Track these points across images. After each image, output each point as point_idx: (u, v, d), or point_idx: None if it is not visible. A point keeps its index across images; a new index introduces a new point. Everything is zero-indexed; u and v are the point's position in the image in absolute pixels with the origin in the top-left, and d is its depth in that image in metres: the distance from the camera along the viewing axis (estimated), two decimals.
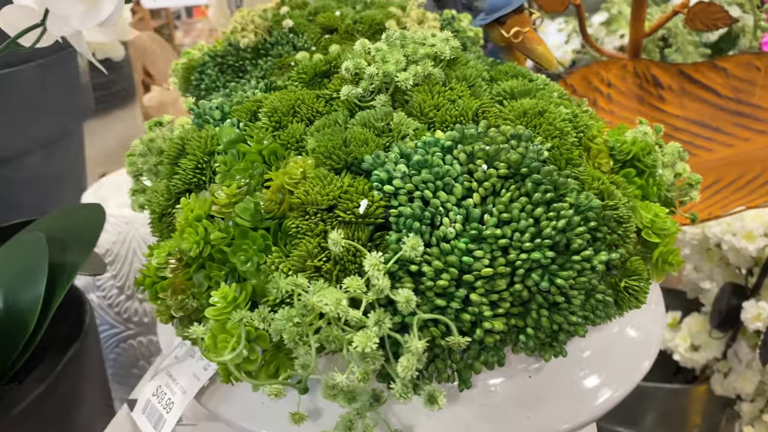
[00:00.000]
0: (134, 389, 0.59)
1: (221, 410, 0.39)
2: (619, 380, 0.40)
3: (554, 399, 0.38)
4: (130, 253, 0.81)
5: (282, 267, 0.35)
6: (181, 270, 0.38)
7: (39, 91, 0.93)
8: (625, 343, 0.41)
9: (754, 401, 1.08)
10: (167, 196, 0.42)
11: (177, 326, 0.39)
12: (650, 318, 0.44)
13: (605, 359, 0.40)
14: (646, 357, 0.42)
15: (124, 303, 0.82)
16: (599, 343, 0.40)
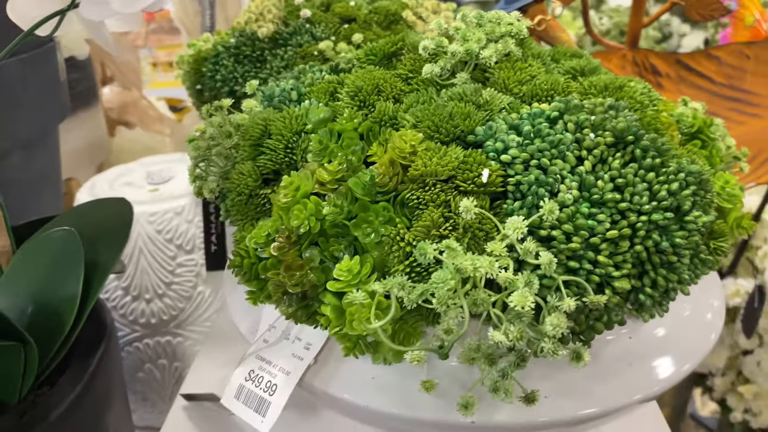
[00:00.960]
0: (184, 384, 0.57)
1: (330, 388, 0.39)
2: (694, 350, 0.42)
3: (647, 360, 0.40)
4: (136, 251, 0.78)
5: (407, 237, 0.35)
6: (289, 248, 0.38)
7: (21, 88, 0.88)
8: (696, 316, 0.43)
9: (725, 375, 1.14)
10: (255, 177, 0.42)
11: (285, 304, 0.38)
12: (711, 292, 0.46)
13: (680, 331, 0.41)
14: (713, 330, 0.44)
15: (129, 304, 0.79)
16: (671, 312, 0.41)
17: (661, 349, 0.40)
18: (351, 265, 0.35)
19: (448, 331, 0.33)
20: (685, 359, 0.41)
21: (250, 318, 0.45)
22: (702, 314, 0.43)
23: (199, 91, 0.76)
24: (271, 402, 0.39)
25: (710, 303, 0.44)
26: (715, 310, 0.44)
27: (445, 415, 0.37)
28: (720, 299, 0.45)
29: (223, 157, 0.45)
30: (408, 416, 0.37)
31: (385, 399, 0.38)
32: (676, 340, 0.41)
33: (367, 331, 0.33)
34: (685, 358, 0.41)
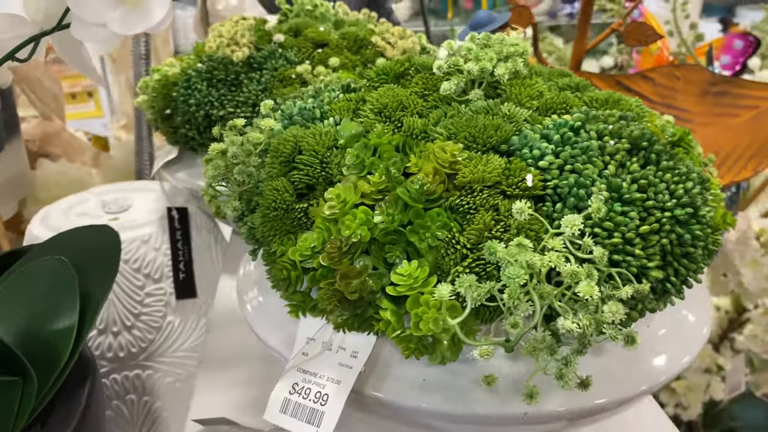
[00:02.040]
0: (191, 410, 0.56)
1: (382, 393, 0.40)
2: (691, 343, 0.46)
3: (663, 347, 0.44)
4: None
5: (462, 240, 0.37)
6: (340, 257, 0.39)
7: None
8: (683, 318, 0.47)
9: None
10: (291, 192, 0.43)
11: (337, 313, 0.39)
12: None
13: (677, 328, 0.46)
14: (705, 325, 0.48)
15: (96, 338, 0.76)
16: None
17: (667, 341, 0.44)
18: (411, 270, 0.37)
19: (515, 325, 0.35)
20: (686, 352, 0.45)
21: (282, 333, 0.45)
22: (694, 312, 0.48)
23: (168, 116, 0.75)
24: (325, 411, 0.40)
25: (699, 299, 0.49)
26: (704, 309, 0.49)
27: (498, 408, 0.39)
28: (707, 297, 0.50)
29: (245, 175, 0.46)
30: (462, 413, 0.39)
31: (438, 398, 0.39)
32: (677, 333, 0.46)
33: (440, 330, 0.35)
34: (687, 351, 0.45)
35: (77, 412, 0.57)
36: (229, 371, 0.60)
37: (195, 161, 0.75)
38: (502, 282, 0.34)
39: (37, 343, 0.53)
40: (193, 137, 0.72)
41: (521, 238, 0.34)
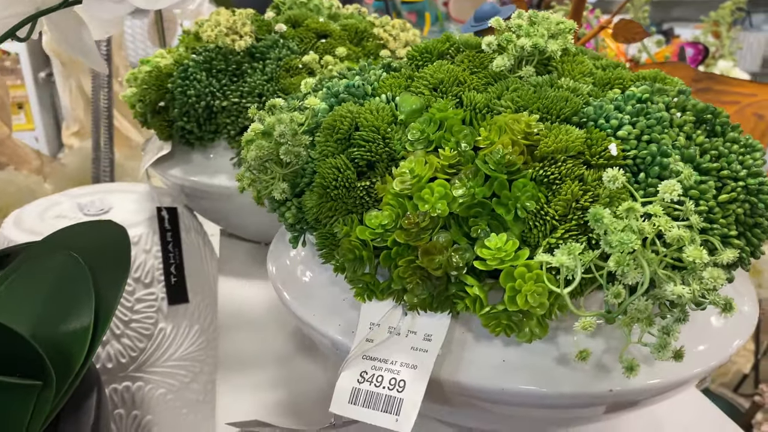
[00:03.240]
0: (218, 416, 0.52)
1: (460, 377, 0.38)
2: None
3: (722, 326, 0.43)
4: None
5: (551, 211, 0.36)
6: (418, 233, 0.37)
7: None
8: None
9: None
10: (352, 170, 0.40)
11: (416, 292, 0.37)
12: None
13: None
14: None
15: None
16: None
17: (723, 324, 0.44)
18: (500, 243, 0.35)
19: (618, 294, 0.34)
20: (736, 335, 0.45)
21: (339, 320, 0.42)
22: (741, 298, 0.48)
23: (161, 109, 0.71)
24: (403, 398, 0.38)
25: (748, 289, 0.49)
26: (752, 297, 0.49)
27: (584, 386, 0.37)
28: (751, 287, 0.50)
29: (293, 155, 0.43)
30: (547, 393, 0.37)
31: (522, 379, 0.37)
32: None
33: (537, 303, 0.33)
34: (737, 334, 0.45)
35: (86, 426, 0.52)
36: (250, 374, 0.56)
37: (190, 157, 0.71)
38: (614, 249, 0.33)
39: (50, 345, 0.48)
40: (191, 130, 0.68)
41: (630, 203, 0.33)
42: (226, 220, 0.78)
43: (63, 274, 0.49)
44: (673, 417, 0.51)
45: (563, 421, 0.44)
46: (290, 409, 0.52)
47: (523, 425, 0.45)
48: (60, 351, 0.48)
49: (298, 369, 0.57)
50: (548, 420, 0.43)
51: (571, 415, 0.41)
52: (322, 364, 0.58)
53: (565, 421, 0.43)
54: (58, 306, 0.49)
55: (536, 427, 0.46)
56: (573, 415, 0.41)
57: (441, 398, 0.40)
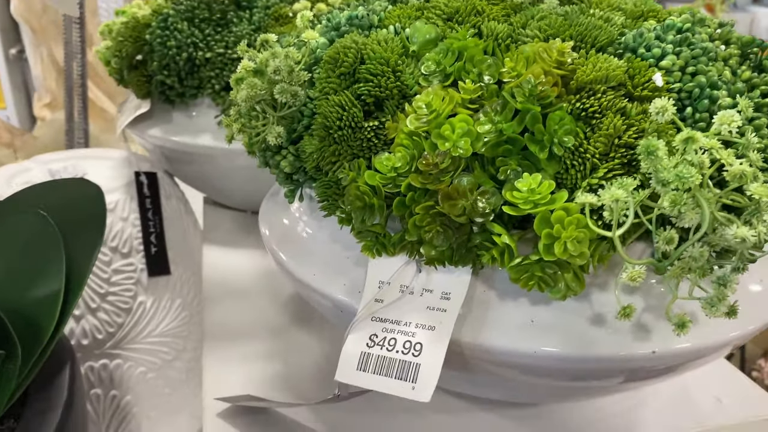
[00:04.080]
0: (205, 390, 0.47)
1: (484, 339, 0.34)
2: None
3: None
4: None
5: (590, 149, 0.31)
6: (437, 176, 0.32)
7: None
8: None
9: None
10: (359, 108, 0.35)
11: (435, 243, 0.32)
12: None
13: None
14: None
15: None
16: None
17: None
18: (533, 184, 0.31)
19: (671, 240, 0.30)
20: None
21: (344, 279, 0.38)
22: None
23: (139, 63, 0.65)
24: (420, 363, 0.33)
25: None
26: None
27: (624, 348, 0.33)
28: None
29: (289, 95, 0.38)
30: (583, 355, 0.33)
31: (555, 341, 0.33)
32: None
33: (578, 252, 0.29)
34: None
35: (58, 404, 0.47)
36: (240, 346, 0.52)
37: (171, 115, 0.66)
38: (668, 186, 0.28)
39: (14, 312, 0.42)
40: (171, 86, 0.63)
41: (690, 131, 0.28)
42: (211, 186, 0.72)
43: (30, 235, 0.44)
44: (702, 386, 0.48)
45: (593, 390, 0.39)
46: (284, 383, 0.47)
47: (548, 394, 0.41)
48: (26, 319, 0.43)
49: (293, 341, 0.53)
50: (576, 389, 0.39)
51: (606, 383, 0.36)
52: (318, 335, 0.54)
53: (596, 390, 0.39)
54: (24, 270, 0.43)
55: (560, 396, 0.42)
56: (607, 382, 0.36)
57: (460, 364, 0.36)
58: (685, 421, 0.45)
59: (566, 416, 0.45)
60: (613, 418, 0.45)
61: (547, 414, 0.45)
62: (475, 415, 0.45)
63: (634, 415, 0.45)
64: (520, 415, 0.45)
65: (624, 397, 0.46)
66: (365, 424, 0.44)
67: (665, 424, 0.44)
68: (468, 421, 0.44)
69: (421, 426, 0.44)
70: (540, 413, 0.45)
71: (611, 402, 0.46)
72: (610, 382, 0.36)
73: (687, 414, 0.45)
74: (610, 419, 0.45)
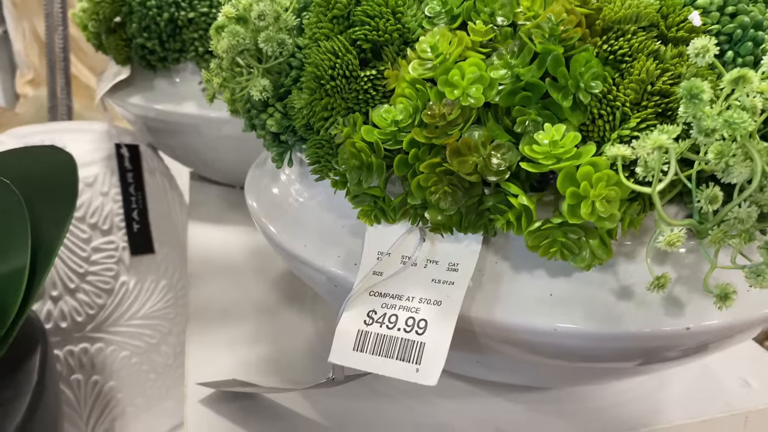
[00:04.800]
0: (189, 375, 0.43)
1: (498, 315, 0.30)
2: None
3: None
4: None
5: (620, 96, 0.27)
6: (444, 129, 0.28)
7: None
8: None
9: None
10: (354, 55, 0.31)
11: (442, 206, 0.28)
12: None
13: None
14: None
15: None
16: None
17: None
18: (556, 135, 0.26)
19: (714, 199, 0.26)
20: None
21: (339, 250, 0.34)
22: None
23: (118, 26, 0.60)
24: (425, 342, 0.29)
25: None
26: None
27: (655, 324, 0.29)
28: None
29: (275, 43, 0.34)
30: (609, 333, 0.29)
31: (576, 316, 0.29)
32: None
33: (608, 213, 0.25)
34: None
35: (28, 389, 0.43)
36: (226, 328, 0.48)
37: (153, 83, 0.62)
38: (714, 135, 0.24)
39: None
40: (152, 49, 0.58)
41: (744, 70, 0.24)
42: (197, 159, 0.68)
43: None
44: (728, 368, 0.44)
45: (615, 372, 0.36)
46: (274, 367, 0.44)
47: (564, 377, 0.37)
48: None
49: (283, 321, 0.49)
50: (597, 370, 0.35)
51: (632, 363, 0.33)
52: (311, 315, 0.50)
53: (619, 371, 0.35)
54: None
55: (577, 379, 0.39)
56: (633, 363, 0.33)
57: (469, 343, 0.32)
58: (712, 405, 0.41)
59: (582, 401, 0.41)
60: (635, 403, 0.41)
61: (561, 398, 0.42)
62: (482, 399, 0.41)
63: (656, 398, 0.41)
64: (531, 400, 0.41)
65: (646, 380, 0.43)
66: (362, 410, 0.40)
67: (690, 408, 0.41)
68: (474, 407, 0.41)
69: (424, 412, 0.41)
70: (552, 397, 0.42)
71: (632, 385, 0.42)
72: (636, 362, 0.32)
73: (714, 398, 0.42)
74: (630, 403, 0.41)
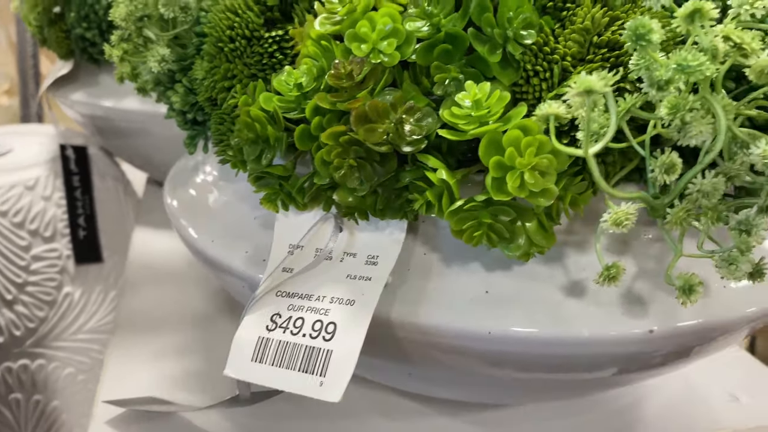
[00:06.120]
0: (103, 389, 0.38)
1: (422, 317, 0.25)
2: None
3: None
4: None
5: (560, 48, 0.23)
6: (352, 91, 0.23)
7: None
8: None
9: None
10: (257, 12, 0.27)
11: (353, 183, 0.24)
12: None
13: None
14: None
15: None
16: None
17: None
18: (481, 94, 0.22)
19: (671, 167, 0.21)
20: None
21: (247, 244, 0.29)
22: None
23: (58, 17, 0.56)
24: (332, 350, 0.24)
25: None
26: None
27: (612, 326, 0.24)
28: None
29: (177, 8, 0.30)
30: (556, 337, 0.24)
31: (516, 317, 0.24)
32: None
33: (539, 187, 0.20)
34: None
35: None
36: (153, 340, 0.43)
37: (97, 78, 0.57)
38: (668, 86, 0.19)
39: None
40: (92, 40, 0.54)
41: (697, 2, 0.20)
42: (147, 161, 0.64)
43: None
44: (714, 380, 0.39)
45: (575, 386, 0.31)
46: (201, 381, 0.39)
47: (517, 392, 0.32)
48: None
49: (218, 333, 0.44)
50: (553, 383, 0.30)
51: (589, 374, 0.28)
52: None
53: (579, 384, 0.30)
54: None
55: (535, 394, 0.33)
56: (591, 374, 0.28)
57: (394, 351, 0.27)
58: (694, 424, 0.36)
59: (546, 420, 0.36)
60: (607, 421, 0.36)
61: (521, 418, 0.36)
62: (431, 420, 0.36)
63: (630, 417, 0.36)
64: (486, 420, 0.36)
65: (617, 394, 0.37)
66: (289, 429, 0.35)
67: (669, 428, 0.36)
68: (421, 428, 0.36)
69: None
70: (512, 417, 0.37)
71: (604, 400, 0.37)
72: (595, 374, 0.27)
73: (696, 415, 0.36)
74: (601, 422, 0.36)
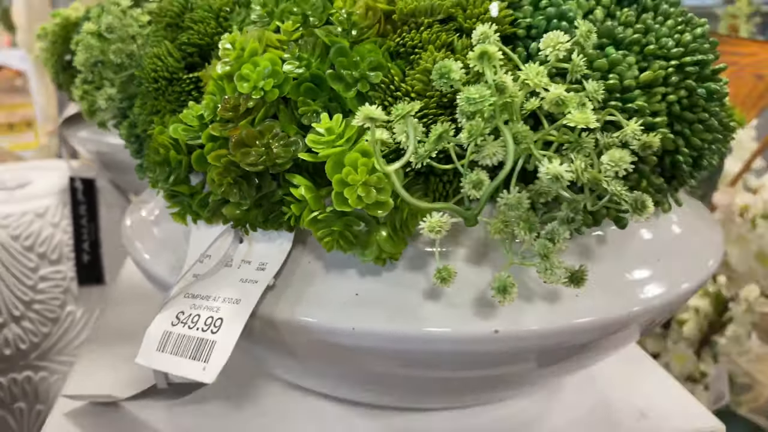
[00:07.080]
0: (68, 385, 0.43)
1: (298, 314, 0.29)
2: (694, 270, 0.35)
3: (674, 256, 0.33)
4: None
5: (405, 87, 0.27)
6: (237, 122, 0.28)
7: None
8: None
9: None
10: (176, 57, 0.32)
11: (236, 198, 0.28)
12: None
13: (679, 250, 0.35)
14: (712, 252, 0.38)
15: None
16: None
17: (681, 246, 0.34)
18: (333, 124, 0.26)
19: (478, 183, 0.25)
20: (686, 278, 0.34)
21: (170, 255, 0.34)
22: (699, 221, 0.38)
23: (68, 64, 0.63)
24: (216, 341, 0.28)
25: (707, 225, 0.39)
26: (712, 236, 0.38)
27: (460, 325, 0.28)
28: (715, 225, 0.40)
29: (124, 55, 0.35)
30: (409, 334, 0.28)
31: (378, 315, 0.28)
32: (678, 257, 0.35)
33: (372, 199, 0.24)
34: (687, 277, 0.34)
35: None
36: (119, 347, 0.48)
37: None
38: (464, 112, 0.23)
39: None
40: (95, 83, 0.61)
41: (485, 45, 0.24)
42: None
43: None
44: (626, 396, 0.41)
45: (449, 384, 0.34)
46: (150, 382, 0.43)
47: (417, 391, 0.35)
48: None
49: None
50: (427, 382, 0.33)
51: (456, 372, 0.31)
52: None
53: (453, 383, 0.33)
54: None
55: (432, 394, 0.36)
56: (457, 372, 0.31)
57: (281, 348, 0.31)
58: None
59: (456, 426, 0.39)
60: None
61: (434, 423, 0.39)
62: (349, 422, 0.39)
63: None
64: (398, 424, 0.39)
65: (520, 410, 0.40)
66: (223, 428, 0.39)
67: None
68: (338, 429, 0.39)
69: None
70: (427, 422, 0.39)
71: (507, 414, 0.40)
72: (459, 372, 0.31)
73: None
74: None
